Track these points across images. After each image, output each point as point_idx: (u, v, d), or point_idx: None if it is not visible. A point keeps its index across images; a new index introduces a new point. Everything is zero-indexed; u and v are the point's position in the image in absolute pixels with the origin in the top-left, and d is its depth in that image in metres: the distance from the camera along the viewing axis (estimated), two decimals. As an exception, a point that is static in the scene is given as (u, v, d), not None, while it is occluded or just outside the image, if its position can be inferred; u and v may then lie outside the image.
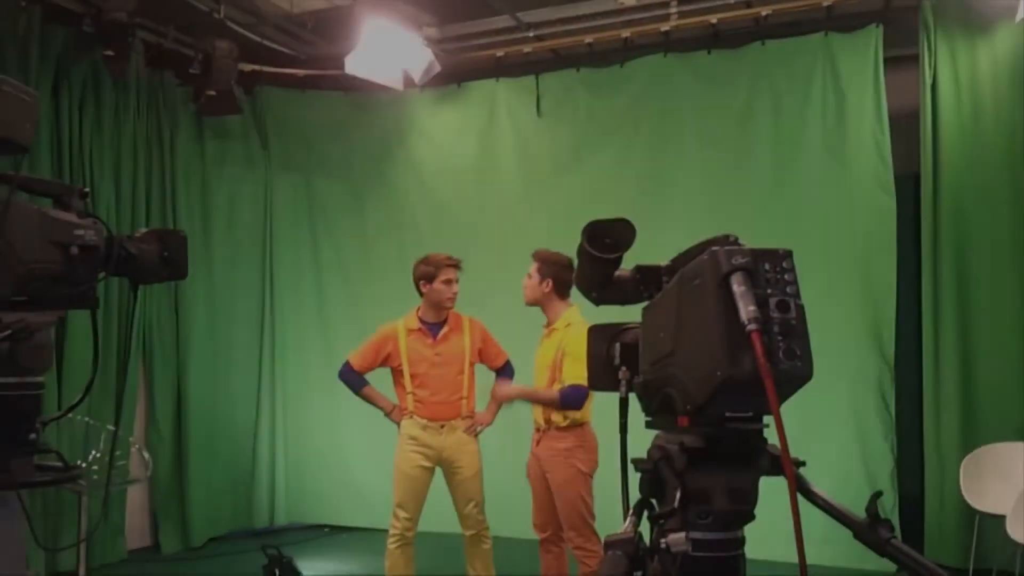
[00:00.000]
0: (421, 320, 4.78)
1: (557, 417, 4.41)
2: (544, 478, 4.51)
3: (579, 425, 4.45)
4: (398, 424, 4.77)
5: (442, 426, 4.69)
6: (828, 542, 4.59)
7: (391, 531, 4.69)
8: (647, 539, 1.36)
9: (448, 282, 4.67)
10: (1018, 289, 5.60)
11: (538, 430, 4.51)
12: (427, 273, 4.69)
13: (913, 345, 6.00)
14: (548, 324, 4.53)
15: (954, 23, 5.82)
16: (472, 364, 4.80)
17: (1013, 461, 5.35)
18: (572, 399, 4.31)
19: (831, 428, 5.87)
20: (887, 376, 5.86)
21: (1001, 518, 4.90)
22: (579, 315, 4.43)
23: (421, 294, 4.74)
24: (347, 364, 4.84)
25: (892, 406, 5.86)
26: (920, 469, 5.86)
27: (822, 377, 1.37)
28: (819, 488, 1.45)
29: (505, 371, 4.90)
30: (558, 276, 4.43)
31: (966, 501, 5.23)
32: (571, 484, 4.40)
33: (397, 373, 4.78)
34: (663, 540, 1.28)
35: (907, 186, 6.08)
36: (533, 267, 4.51)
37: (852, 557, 5.32)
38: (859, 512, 1.45)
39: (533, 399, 4.50)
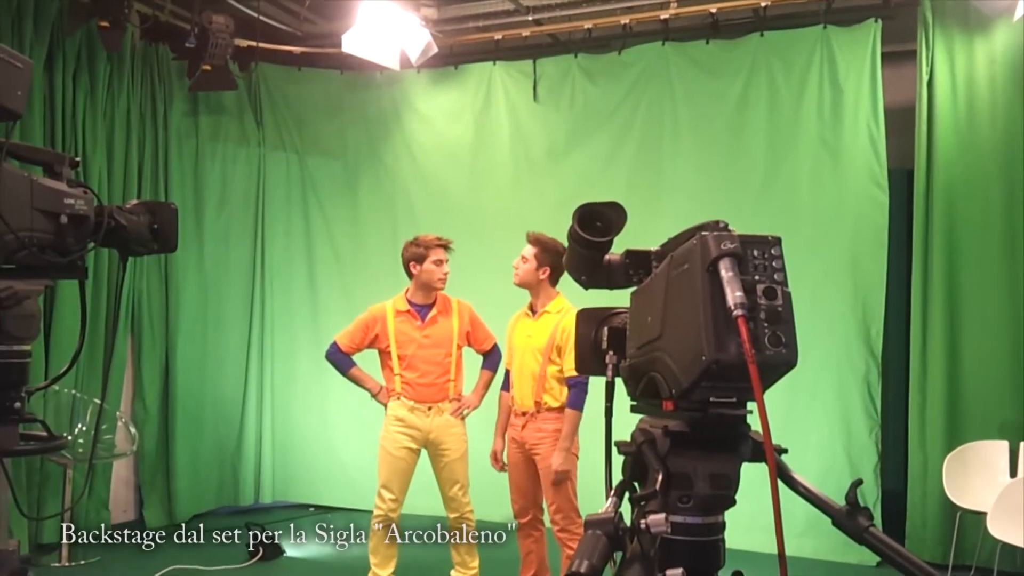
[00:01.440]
0: (410, 302, 4.77)
1: (549, 399, 4.42)
2: (527, 463, 4.52)
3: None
4: (385, 405, 4.77)
5: (429, 408, 4.69)
6: (808, 534, 4.65)
7: (375, 512, 4.70)
8: (628, 521, 1.36)
9: (438, 262, 4.67)
10: (1007, 287, 5.62)
11: (524, 414, 4.51)
12: (417, 255, 4.68)
13: (901, 340, 6.02)
14: (535, 308, 4.54)
15: (953, 20, 5.82)
16: (460, 347, 4.80)
17: (996, 459, 5.39)
18: (578, 397, 4.38)
19: (816, 420, 5.89)
20: (874, 370, 5.87)
21: (982, 515, 4.93)
22: (567, 302, 4.45)
23: (411, 276, 4.74)
24: (334, 345, 4.82)
25: (878, 400, 5.88)
26: (904, 464, 5.90)
27: (809, 369, 1.38)
28: (800, 476, 1.45)
29: (492, 355, 4.90)
30: (555, 265, 4.42)
31: (948, 497, 5.26)
32: (563, 466, 4.41)
33: (385, 354, 4.78)
34: (643, 521, 1.29)
35: (900, 181, 6.10)
36: (531, 251, 4.47)
37: (833, 550, 5.37)
38: (840, 502, 1.46)
39: (573, 434, 4.43)
